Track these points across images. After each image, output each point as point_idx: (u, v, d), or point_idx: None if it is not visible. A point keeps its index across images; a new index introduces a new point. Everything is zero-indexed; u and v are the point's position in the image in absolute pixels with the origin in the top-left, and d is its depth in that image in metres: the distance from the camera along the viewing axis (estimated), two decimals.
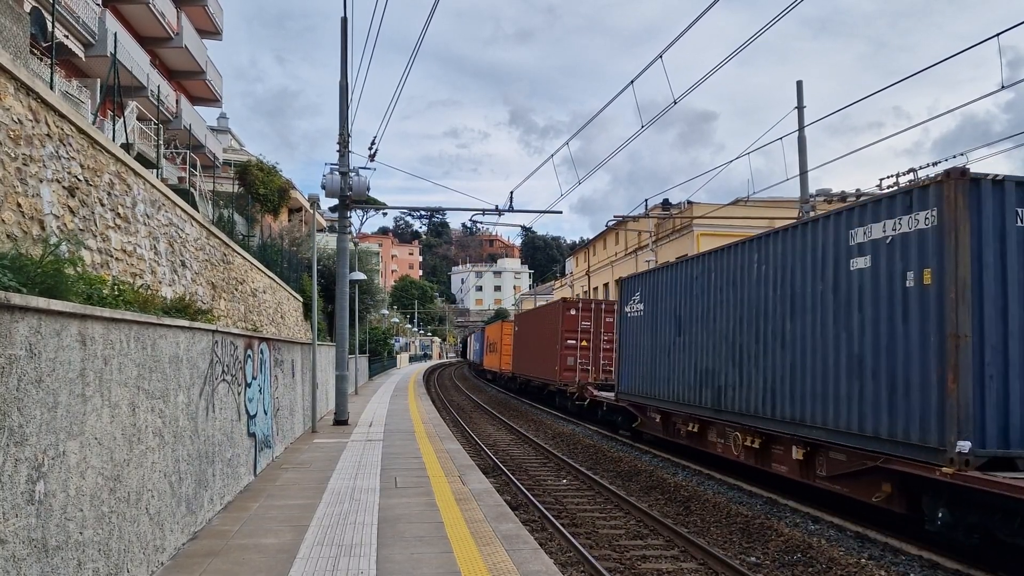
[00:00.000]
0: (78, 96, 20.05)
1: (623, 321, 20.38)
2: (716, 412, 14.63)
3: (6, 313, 4.05)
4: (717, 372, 14.60)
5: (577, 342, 28.28)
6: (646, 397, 18.48)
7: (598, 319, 28.39)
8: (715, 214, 34.76)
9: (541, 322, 33.32)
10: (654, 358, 17.83)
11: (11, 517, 4.07)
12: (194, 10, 34.15)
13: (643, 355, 18.56)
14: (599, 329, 28.24)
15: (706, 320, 15.21)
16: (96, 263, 9.45)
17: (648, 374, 18.17)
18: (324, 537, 8.02)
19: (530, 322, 37.15)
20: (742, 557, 9.87)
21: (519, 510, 12.01)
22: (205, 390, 8.46)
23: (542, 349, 31.84)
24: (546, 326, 31.40)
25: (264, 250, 25.33)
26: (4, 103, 7.44)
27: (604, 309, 28.64)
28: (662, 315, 17.55)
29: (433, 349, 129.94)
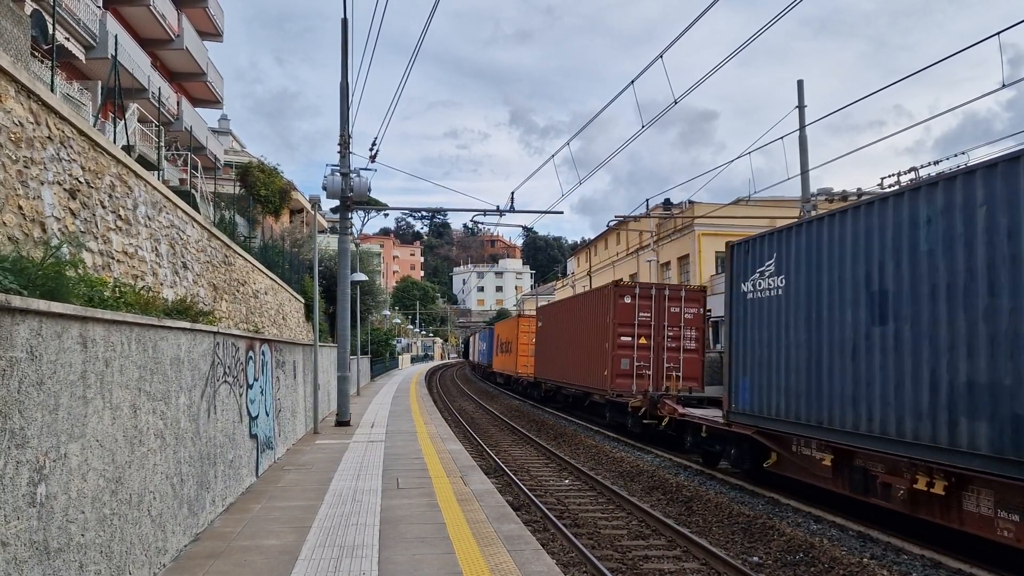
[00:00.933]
0: (79, 98, 20.08)
1: (738, 305, 14.07)
2: (998, 462, 8.32)
3: (7, 315, 4.05)
4: (999, 387, 8.34)
5: (634, 339, 22.27)
6: (795, 424, 12.04)
7: (659, 309, 22.53)
8: (716, 214, 34.74)
9: (580, 314, 26.60)
10: (815, 362, 11.60)
11: (13, 519, 4.07)
12: (195, 12, 34.19)
13: (785, 356, 12.46)
14: (660, 322, 22.44)
15: (958, 295, 8.96)
16: (97, 265, 9.46)
17: (802, 387, 11.91)
18: (326, 538, 8.02)
19: (562, 315, 29.91)
20: (744, 557, 9.87)
21: (521, 511, 12.01)
22: (207, 392, 8.46)
23: (582, 349, 25.62)
24: (588, 319, 25.16)
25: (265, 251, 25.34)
26: (5, 105, 7.45)
27: (668, 296, 22.65)
28: (833, 290, 11.23)
29: (435, 350, 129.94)
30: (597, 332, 23.53)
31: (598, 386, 23.44)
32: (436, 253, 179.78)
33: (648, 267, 42.36)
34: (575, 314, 27.24)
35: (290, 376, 15.44)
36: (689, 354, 22.34)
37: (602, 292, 24.02)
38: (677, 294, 22.62)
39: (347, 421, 19.88)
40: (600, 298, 24.05)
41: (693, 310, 22.45)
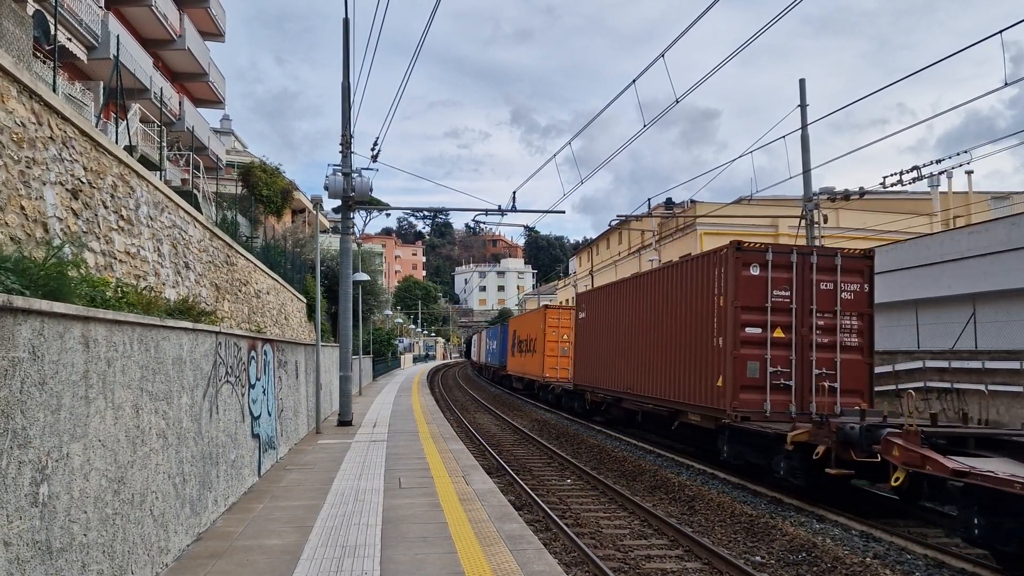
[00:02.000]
0: (81, 99, 20.10)
1: None
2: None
3: (9, 316, 4.06)
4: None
5: (766, 331, 14.37)
6: None
7: (804, 284, 14.58)
8: (718, 213, 34.72)
9: (660, 297, 18.28)
10: None
11: (15, 519, 4.08)
12: (196, 12, 34.21)
13: None
14: (805, 304, 14.56)
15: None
16: (99, 265, 9.47)
17: None
18: (328, 538, 8.02)
19: (622, 301, 21.47)
20: (747, 556, 9.86)
21: (523, 510, 12.01)
22: (209, 392, 8.47)
23: (666, 347, 17.72)
24: (679, 303, 16.99)
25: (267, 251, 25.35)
26: (7, 106, 7.46)
27: (816, 265, 14.80)
28: None
29: (437, 350, 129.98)
30: (698, 321, 15.80)
31: (703, 402, 15.47)
32: (438, 253, 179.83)
33: (650, 267, 42.35)
34: (652, 297, 18.93)
35: (292, 376, 15.46)
36: (849, 354, 14.70)
37: (709, 260, 15.62)
38: (830, 262, 14.81)
39: (349, 421, 19.89)
40: (704, 269, 15.77)
41: (854, 286, 14.89)
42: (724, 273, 14.72)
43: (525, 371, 38.58)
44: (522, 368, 39.69)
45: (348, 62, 19.62)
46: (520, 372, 40.61)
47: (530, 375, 37.07)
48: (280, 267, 26.18)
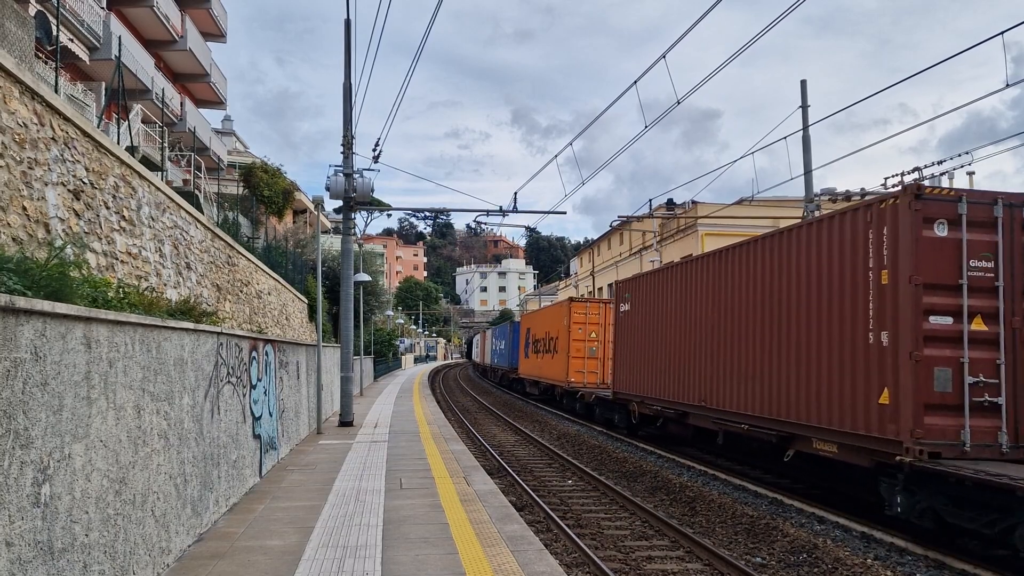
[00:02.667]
0: (83, 99, 20.12)
1: None
2: None
3: (11, 316, 4.06)
4: None
5: (963, 320, 9.75)
6: None
7: (1013, 251, 10.06)
8: (720, 214, 34.70)
9: (769, 269, 13.31)
10: None
11: (17, 520, 4.08)
12: (198, 13, 34.26)
13: None
14: (1018, 281, 10.02)
15: None
16: (101, 266, 9.48)
17: None
18: (329, 539, 8.03)
19: (697, 282, 16.51)
20: (748, 557, 9.86)
21: (524, 511, 12.01)
22: (210, 392, 8.48)
23: (769, 343, 13.17)
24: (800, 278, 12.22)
25: (269, 252, 25.38)
26: (9, 107, 7.47)
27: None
28: None
29: (438, 350, 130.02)
30: (836, 307, 11.17)
31: (847, 426, 10.74)
32: (439, 253, 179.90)
33: (651, 267, 42.33)
34: (748, 276, 13.99)
35: (293, 376, 15.47)
36: None
37: (859, 217, 10.78)
38: None
39: (350, 421, 19.90)
40: (848, 230, 10.98)
41: None
42: (890, 234, 10.05)
43: (542, 374, 33.30)
44: (538, 371, 34.28)
45: (349, 63, 19.64)
46: (536, 375, 35.09)
47: (549, 379, 31.73)
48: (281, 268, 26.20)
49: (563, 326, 28.85)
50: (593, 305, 29.00)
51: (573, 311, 28.38)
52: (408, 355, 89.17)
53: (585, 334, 27.96)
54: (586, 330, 28.07)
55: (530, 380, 37.39)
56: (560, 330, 29.35)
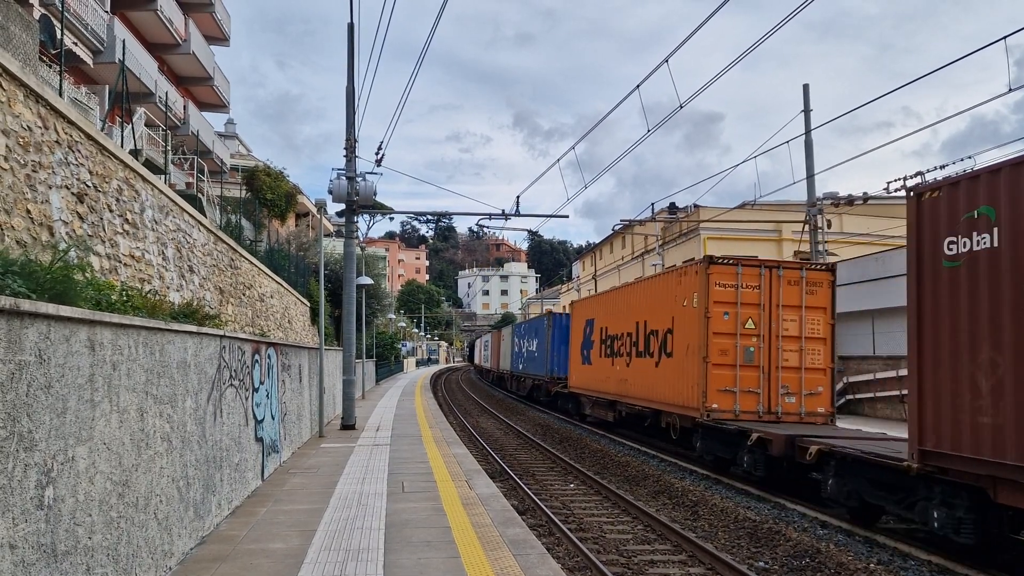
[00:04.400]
0: (87, 103, 20.17)
1: None
2: None
3: (16, 319, 4.07)
4: None
5: None
6: None
7: None
8: (722, 218, 34.71)
9: None
10: None
11: (21, 522, 4.09)
12: (202, 17, 34.35)
13: None
14: None
15: None
16: (105, 269, 9.50)
17: None
18: (331, 542, 8.03)
19: None
20: (750, 562, 9.84)
21: (526, 515, 12.00)
22: (213, 395, 8.48)
23: None
24: None
25: (271, 255, 25.42)
26: (14, 110, 7.49)
27: None
28: None
29: (440, 353, 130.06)
30: None
31: None
32: (441, 257, 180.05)
33: (653, 271, 42.32)
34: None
35: (296, 379, 15.48)
36: None
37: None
38: None
39: (352, 425, 19.90)
40: None
41: None
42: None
43: (629, 393, 20.88)
44: (618, 386, 21.84)
45: (352, 67, 19.68)
46: (610, 392, 22.61)
47: (646, 401, 19.40)
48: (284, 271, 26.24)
49: (687, 310, 16.88)
50: (751, 271, 16.04)
51: (714, 281, 15.91)
52: (410, 358, 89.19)
53: (737, 323, 15.92)
54: (738, 315, 15.94)
55: (593, 398, 25.16)
56: (678, 317, 17.40)
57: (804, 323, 16.07)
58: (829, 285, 16.33)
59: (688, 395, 16.58)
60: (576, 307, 28.76)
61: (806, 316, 16.07)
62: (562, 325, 31.94)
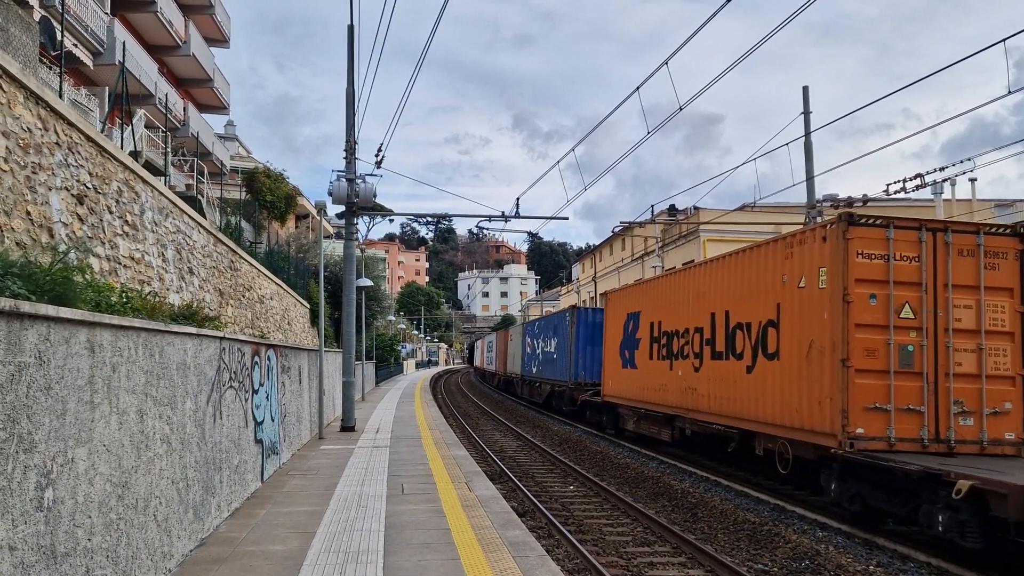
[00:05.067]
0: (87, 104, 20.19)
1: None
2: None
3: (15, 321, 4.08)
4: None
5: None
6: None
7: None
8: (721, 220, 34.73)
9: None
10: None
11: (20, 524, 4.09)
12: (202, 18, 34.37)
13: None
14: None
15: None
16: (104, 270, 9.50)
17: None
18: (331, 544, 8.02)
19: None
20: (750, 564, 9.84)
21: (526, 517, 11.99)
22: (212, 397, 8.48)
23: None
24: None
25: (271, 257, 25.43)
26: (14, 112, 7.50)
27: None
28: None
29: (440, 355, 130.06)
30: None
31: None
32: (441, 259, 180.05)
33: (653, 273, 42.34)
34: None
35: (295, 381, 15.47)
36: None
37: None
38: None
39: (352, 426, 19.89)
40: None
41: None
42: None
43: (706, 408, 16.04)
44: (687, 400, 16.97)
45: (352, 69, 19.69)
46: (680, 407, 17.37)
47: (743, 423, 14.41)
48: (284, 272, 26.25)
49: (804, 294, 12.40)
50: (906, 235, 11.65)
51: (856, 250, 11.43)
52: (410, 360, 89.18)
53: (887, 310, 11.42)
54: (890, 300, 11.44)
55: (639, 410, 20.08)
56: (791, 303, 12.82)
57: (984, 311, 11.46)
58: (1017, 256, 11.68)
59: (812, 414, 11.84)
60: (612, 299, 23.43)
61: (986, 300, 11.49)
62: (590, 321, 27.75)
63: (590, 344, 27.13)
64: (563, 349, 29.51)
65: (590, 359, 27.18)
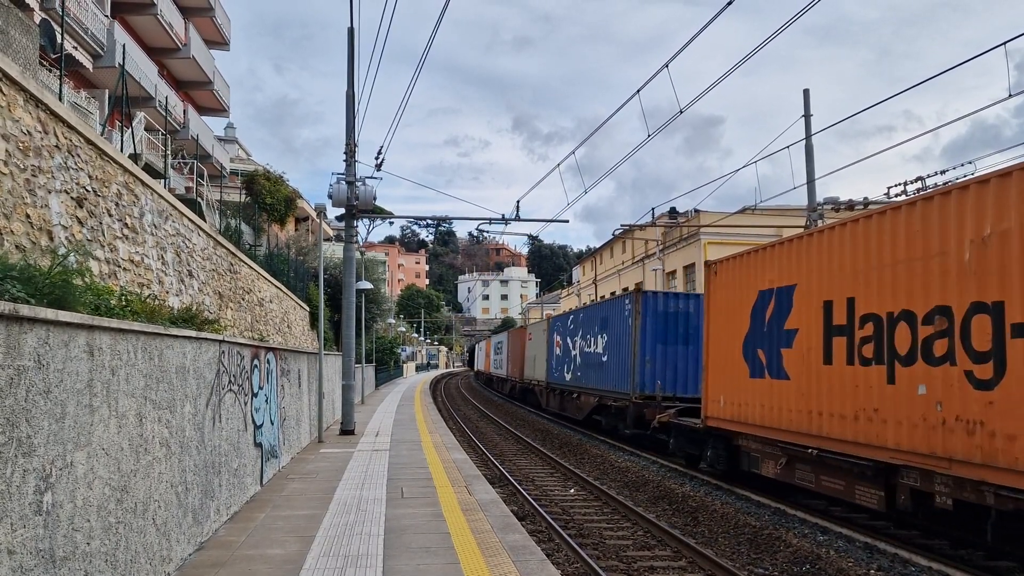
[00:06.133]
0: (86, 107, 20.18)
1: None
2: None
3: (15, 324, 4.06)
4: None
5: None
6: None
7: None
8: (722, 223, 34.74)
9: None
10: None
11: (19, 528, 4.07)
12: (202, 21, 34.39)
13: None
14: None
15: None
16: (104, 273, 9.49)
17: None
18: (330, 548, 8.00)
19: None
20: (750, 568, 9.81)
21: (526, 520, 11.97)
22: (212, 400, 8.46)
23: None
24: None
25: (271, 259, 25.42)
26: (13, 115, 7.49)
27: None
28: None
29: (440, 358, 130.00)
30: None
31: None
32: (441, 261, 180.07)
33: (654, 276, 42.34)
34: None
35: (295, 384, 15.45)
36: None
37: None
38: None
39: (352, 430, 19.87)
40: None
41: None
42: None
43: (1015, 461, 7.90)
44: (961, 443, 8.70)
45: (353, 71, 19.69)
46: (933, 457, 9.15)
47: None
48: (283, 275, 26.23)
49: None
50: None
51: None
52: (410, 363, 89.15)
53: None
54: None
55: (804, 449, 11.88)
56: None
57: None
58: None
59: None
60: (728, 269, 15.00)
61: None
62: (661, 311, 20.52)
63: (661, 342, 20.29)
64: (619, 349, 21.90)
65: (662, 363, 20.31)
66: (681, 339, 20.21)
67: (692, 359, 19.61)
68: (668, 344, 20.30)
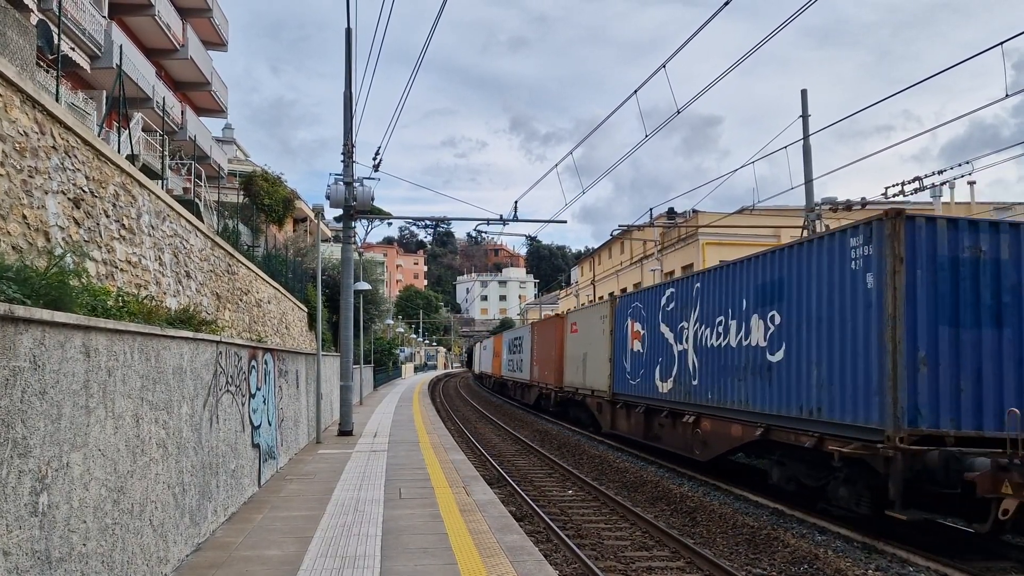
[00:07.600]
0: (84, 108, 20.16)
1: None
2: None
3: (10, 325, 4.05)
4: None
5: None
6: None
7: None
8: (721, 223, 34.76)
9: None
10: None
11: (15, 529, 4.06)
12: (199, 22, 34.36)
13: None
14: None
15: None
16: (101, 274, 9.48)
17: None
18: (328, 549, 7.99)
19: None
20: (748, 568, 9.81)
21: (524, 521, 11.96)
22: (209, 401, 8.45)
23: None
24: None
25: (269, 260, 25.39)
26: (10, 115, 7.48)
27: None
28: None
29: (438, 359, 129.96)
30: None
31: None
32: (439, 262, 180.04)
33: (652, 276, 42.34)
34: None
35: (293, 385, 15.44)
36: None
37: None
38: None
39: (350, 431, 19.85)
40: None
41: None
42: None
43: None
44: None
45: (350, 72, 19.69)
46: None
47: None
48: (281, 276, 26.20)
49: None
50: None
51: None
52: (408, 364, 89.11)
53: None
54: None
55: None
56: None
57: None
58: None
59: None
60: None
61: None
62: (965, 256, 10.20)
63: (950, 322, 10.16)
64: (828, 337, 11.31)
65: (952, 364, 10.12)
66: (990, 315, 10.29)
67: (1012, 356, 10.23)
68: (963, 327, 10.20)
